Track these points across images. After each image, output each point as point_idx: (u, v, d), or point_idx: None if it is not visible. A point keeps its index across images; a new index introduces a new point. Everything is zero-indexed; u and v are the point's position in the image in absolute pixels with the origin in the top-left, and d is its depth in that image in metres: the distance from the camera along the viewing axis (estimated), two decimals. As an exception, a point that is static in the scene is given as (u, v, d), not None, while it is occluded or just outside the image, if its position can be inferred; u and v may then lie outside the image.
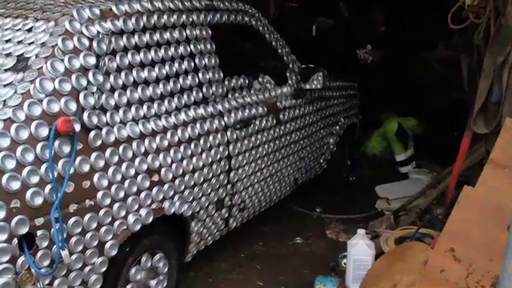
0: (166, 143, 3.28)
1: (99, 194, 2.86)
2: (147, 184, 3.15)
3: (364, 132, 6.72)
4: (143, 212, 3.13)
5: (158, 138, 3.22)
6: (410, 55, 8.23)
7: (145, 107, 3.20)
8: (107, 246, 2.94)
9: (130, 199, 3.04)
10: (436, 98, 7.42)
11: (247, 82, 4.19)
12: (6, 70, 2.82)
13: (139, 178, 3.10)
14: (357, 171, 6.30)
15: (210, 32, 3.78)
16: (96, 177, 2.85)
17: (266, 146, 4.28)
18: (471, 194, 3.05)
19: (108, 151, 2.92)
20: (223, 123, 3.75)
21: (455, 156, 4.18)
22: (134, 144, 3.08)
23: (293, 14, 8.48)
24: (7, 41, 3.00)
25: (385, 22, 9.53)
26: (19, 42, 2.95)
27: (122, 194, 2.99)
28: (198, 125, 3.53)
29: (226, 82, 3.91)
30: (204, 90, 3.65)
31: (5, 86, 2.72)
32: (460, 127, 4.27)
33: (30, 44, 2.90)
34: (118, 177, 2.97)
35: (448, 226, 3.03)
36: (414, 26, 8.49)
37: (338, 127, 5.65)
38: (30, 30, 2.99)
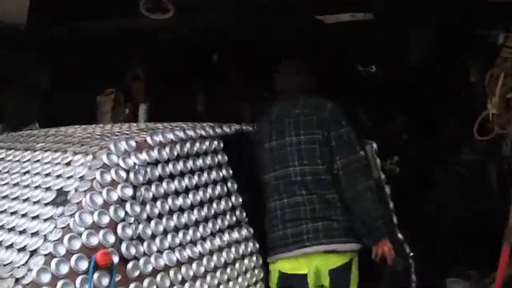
0: (202, 270, 3.25)
1: (137, 326, 2.84)
2: (185, 312, 3.11)
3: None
4: None
5: (194, 265, 3.20)
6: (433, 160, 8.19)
7: (180, 234, 3.21)
8: None
9: (167, 329, 3.00)
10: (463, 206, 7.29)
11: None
12: (45, 205, 2.89)
13: (177, 306, 3.07)
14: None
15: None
16: (134, 308, 2.83)
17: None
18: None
19: (146, 281, 2.90)
20: (257, 246, 3.73)
21: (491, 261, 4.09)
22: (172, 272, 3.06)
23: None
24: (47, 174, 3.10)
25: (407, 128, 9.58)
26: (58, 176, 3.03)
27: (160, 325, 2.95)
28: (232, 249, 3.51)
29: (260, 204, 3.93)
30: (237, 213, 3.67)
31: (45, 220, 2.78)
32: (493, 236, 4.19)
33: (68, 178, 2.98)
34: (156, 306, 2.95)
35: None
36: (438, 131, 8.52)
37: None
38: (68, 164, 3.07)
